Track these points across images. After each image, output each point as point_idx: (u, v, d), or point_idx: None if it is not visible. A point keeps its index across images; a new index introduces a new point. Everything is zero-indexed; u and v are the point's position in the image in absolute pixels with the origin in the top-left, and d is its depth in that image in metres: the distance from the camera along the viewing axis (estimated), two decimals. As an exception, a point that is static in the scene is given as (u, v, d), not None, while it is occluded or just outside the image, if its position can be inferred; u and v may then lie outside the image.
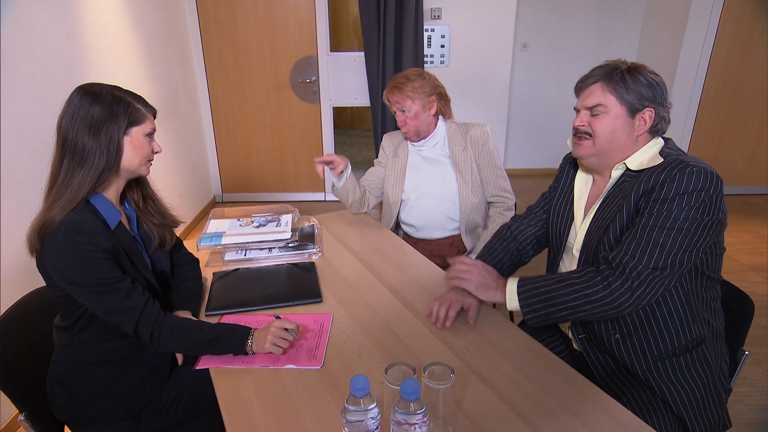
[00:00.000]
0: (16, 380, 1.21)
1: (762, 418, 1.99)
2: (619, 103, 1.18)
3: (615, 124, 1.19)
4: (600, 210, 1.26)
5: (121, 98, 1.18)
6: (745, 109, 4.22)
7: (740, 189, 4.46)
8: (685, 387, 1.18)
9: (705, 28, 3.97)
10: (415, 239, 2.08)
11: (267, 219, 1.86)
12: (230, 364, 1.21)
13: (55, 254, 1.11)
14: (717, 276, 1.21)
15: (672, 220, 1.08)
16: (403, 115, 1.89)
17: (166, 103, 3.51)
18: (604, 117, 1.20)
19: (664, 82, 1.20)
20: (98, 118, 1.14)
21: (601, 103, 1.20)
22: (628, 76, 1.17)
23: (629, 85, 1.17)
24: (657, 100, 1.18)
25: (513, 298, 1.21)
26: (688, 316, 1.18)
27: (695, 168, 1.08)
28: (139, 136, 1.21)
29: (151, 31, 3.27)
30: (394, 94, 1.88)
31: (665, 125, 1.21)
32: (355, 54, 4.06)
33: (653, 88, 1.17)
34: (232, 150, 4.39)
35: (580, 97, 1.26)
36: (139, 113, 1.21)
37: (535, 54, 4.70)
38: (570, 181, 1.41)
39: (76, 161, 1.14)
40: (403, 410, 0.82)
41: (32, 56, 2.15)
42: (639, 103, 1.18)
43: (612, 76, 1.19)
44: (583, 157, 1.29)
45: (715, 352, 1.22)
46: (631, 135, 1.20)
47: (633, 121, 1.19)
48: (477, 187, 1.95)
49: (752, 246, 3.51)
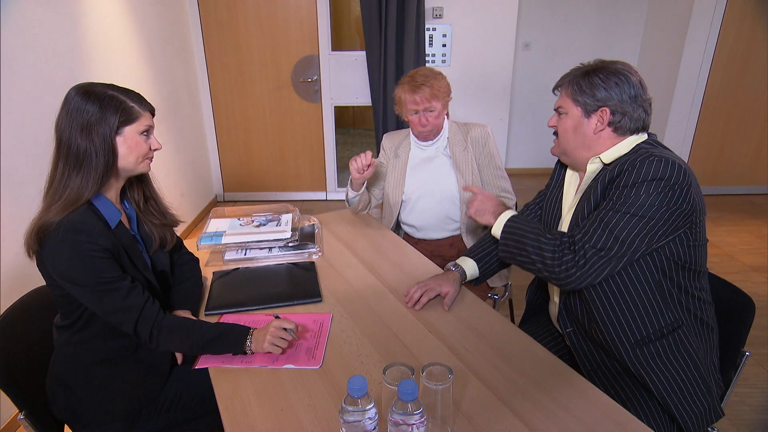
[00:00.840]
0: (15, 379, 1.22)
1: (764, 419, 1.99)
2: (574, 105, 1.26)
3: (572, 124, 1.28)
4: (580, 204, 1.31)
5: (112, 97, 1.16)
6: (747, 108, 4.21)
7: (743, 189, 4.45)
8: (665, 373, 1.19)
9: (708, 27, 3.96)
10: (415, 239, 2.07)
11: (267, 218, 1.86)
12: (229, 363, 1.21)
13: (55, 253, 1.11)
14: (700, 267, 1.22)
15: (628, 206, 1.12)
16: (428, 114, 1.86)
17: (168, 103, 3.51)
18: (565, 118, 1.30)
19: (630, 80, 1.21)
20: (89, 119, 1.13)
21: (562, 105, 1.30)
22: (583, 79, 1.24)
23: (583, 88, 1.24)
24: (614, 98, 1.21)
25: (499, 227, 1.34)
26: (659, 301, 1.20)
27: (657, 158, 1.12)
28: (133, 134, 1.20)
29: (152, 31, 3.28)
30: (423, 91, 1.81)
31: (631, 123, 1.23)
32: (357, 53, 4.06)
33: (608, 89, 1.21)
34: (233, 149, 4.39)
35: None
36: (133, 111, 1.19)
37: (536, 53, 4.69)
38: (561, 178, 1.46)
39: (71, 164, 1.14)
40: (400, 411, 0.82)
41: (33, 56, 2.15)
42: (593, 104, 1.23)
43: (572, 80, 1.26)
44: (555, 155, 1.39)
45: (698, 338, 1.23)
46: (588, 134, 1.26)
47: (589, 120, 1.25)
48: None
49: (754, 246, 3.49)
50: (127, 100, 1.18)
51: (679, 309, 1.21)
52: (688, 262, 1.19)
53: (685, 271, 1.20)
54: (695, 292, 1.22)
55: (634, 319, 1.20)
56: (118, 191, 1.27)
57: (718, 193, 4.43)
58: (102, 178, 1.16)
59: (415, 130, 1.93)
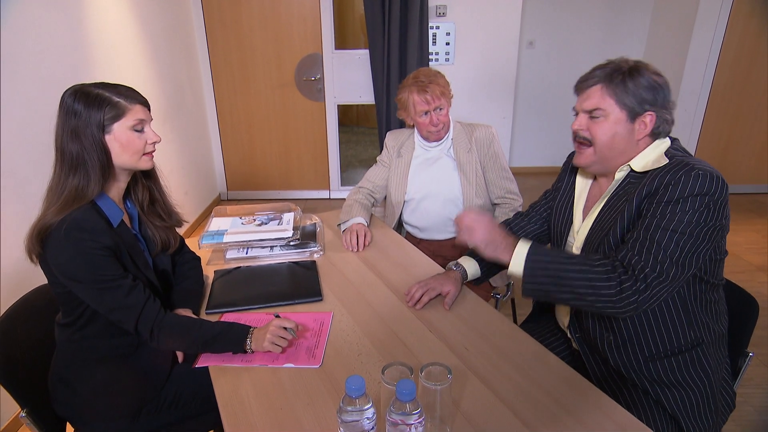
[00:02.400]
0: (17, 377, 1.22)
1: (767, 420, 1.97)
2: (618, 107, 1.14)
3: (615, 129, 1.15)
4: (603, 212, 1.24)
5: (96, 96, 1.14)
6: (753, 107, 4.17)
7: (749, 188, 4.41)
8: (678, 389, 1.17)
9: (714, 25, 3.92)
10: (418, 239, 2.07)
11: (269, 217, 1.86)
12: (229, 362, 1.21)
13: (57, 250, 1.11)
14: (718, 281, 1.18)
15: (676, 223, 1.04)
16: (440, 113, 1.84)
17: (172, 101, 3.52)
18: (603, 122, 1.16)
19: (668, 82, 1.15)
20: (77, 122, 1.13)
21: (600, 107, 1.15)
22: (629, 78, 1.12)
23: (630, 89, 1.12)
24: (659, 103, 1.13)
25: (519, 263, 1.13)
26: (683, 319, 1.16)
27: (701, 171, 1.05)
28: (122, 131, 1.17)
29: (156, 30, 3.28)
30: (433, 90, 1.79)
31: (668, 127, 1.17)
32: (360, 52, 4.06)
33: (655, 91, 1.12)
34: (237, 148, 4.39)
35: (579, 99, 1.21)
36: (118, 106, 1.16)
37: (541, 51, 4.66)
38: (572, 182, 1.39)
39: (67, 168, 1.14)
40: (398, 411, 0.81)
41: (36, 55, 2.16)
42: (640, 107, 1.13)
43: (612, 78, 1.14)
44: (584, 166, 1.25)
45: (716, 356, 1.20)
46: (631, 139, 1.16)
47: (633, 125, 1.15)
48: (481, 189, 1.93)
49: (760, 245, 3.47)
50: (113, 96, 1.15)
51: (702, 327, 1.17)
52: (711, 276, 1.15)
53: (707, 285, 1.16)
54: (715, 306, 1.19)
55: (654, 336, 1.17)
56: (121, 190, 1.27)
57: (723, 192, 4.40)
58: (101, 178, 1.16)
59: (425, 131, 1.90)
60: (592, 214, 1.26)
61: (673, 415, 1.16)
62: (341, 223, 1.91)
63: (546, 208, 1.52)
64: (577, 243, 1.31)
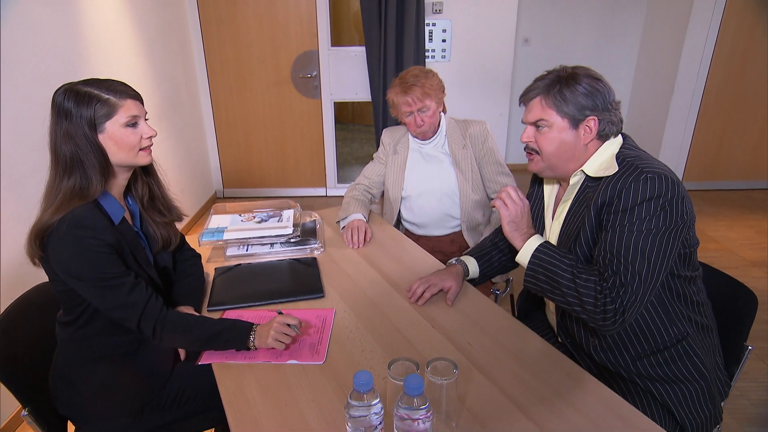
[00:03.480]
0: (19, 376, 1.22)
1: (763, 413, 1.99)
2: (560, 116, 1.18)
3: (560, 137, 1.19)
4: (568, 217, 1.27)
5: (85, 95, 1.12)
6: (747, 104, 4.20)
7: (742, 184, 4.45)
8: (670, 383, 1.18)
9: (708, 23, 3.95)
10: (416, 236, 2.07)
11: (268, 214, 1.86)
12: (233, 359, 1.21)
13: (59, 248, 1.10)
14: (693, 273, 1.20)
15: (636, 234, 1.07)
16: (423, 114, 1.84)
17: (167, 99, 3.50)
18: (547, 132, 1.20)
19: (607, 84, 1.18)
20: (68, 123, 1.11)
21: (543, 118, 1.19)
22: (565, 87, 1.16)
23: (567, 97, 1.15)
24: (599, 107, 1.16)
25: (526, 255, 1.20)
26: (663, 317, 1.18)
27: (650, 174, 1.08)
28: (115, 128, 1.15)
29: (151, 26, 3.26)
30: (415, 92, 1.79)
31: (614, 128, 1.19)
32: (357, 49, 4.05)
33: (593, 96, 1.15)
34: (232, 145, 4.38)
35: (525, 111, 1.25)
36: (108, 104, 1.13)
37: (536, 49, 4.67)
38: (540, 189, 1.42)
39: (61, 169, 1.13)
40: (406, 405, 0.82)
41: (32, 52, 2.14)
42: (580, 114, 1.16)
43: (550, 90, 1.17)
44: (537, 172, 1.30)
45: (704, 345, 1.21)
46: (578, 145, 1.20)
47: (577, 131, 1.18)
48: (478, 185, 1.94)
49: (754, 241, 3.50)
50: (102, 93, 1.13)
51: (684, 321, 1.19)
52: (684, 269, 1.17)
53: (681, 279, 1.18)
54: (694, 297, 1.21)
55: (637, 336, 1.19)
56: (122, 188, 1.26)
57: (717, 188, 4.44)
58: (102, 178, 1.15)
59: (412, 131, 1.92)
60: (558, 219, 1.30)
61: (668, 408, 1.18)
62: (340, 220, 1.92)
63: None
64: None
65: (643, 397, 1.20)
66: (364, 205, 1.96)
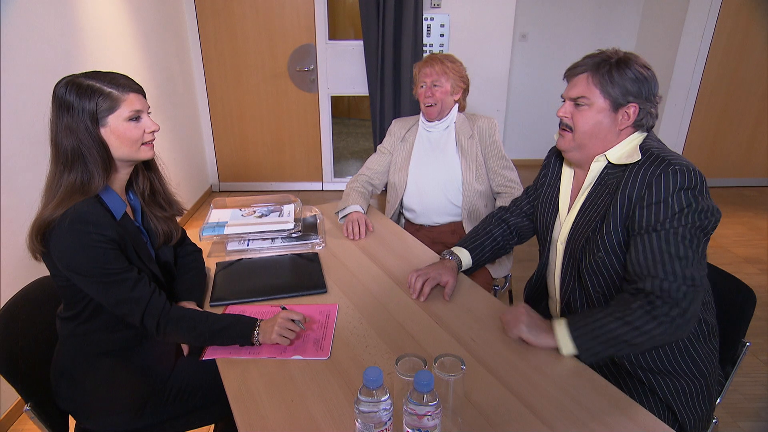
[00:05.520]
0: (21, 371, 1.21)
1: (757, 408, 2.02)
2: (602, 96, 1.16)
3: (597, 117, 1.18)
4: (585, 205, 1.26)
5: (87, 88, 1.10)
6: (742, 101, 4.24)
7: (736, 181, 4.50)
8: (672, 377, 1.19)
9: (704, 20, 3.97)
10: (416, 225, 2.08)
11: (269, 209, 1.85)
12: (237, 354, 1.20)
13: (61, 243, 1.09)
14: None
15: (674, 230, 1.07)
16: (434, 88, 1.90)
17: (163, 91, 3.47)
18: (586, 110, 1.19)
19: (655, 75, 1.18)
20: (70, 116, 1.10)
21: (585, 95, 1.18)
22: (615, 69, 1.15)
23: (615, 79, 1.14)
24: (643, 95, 1.16)
25: (567, 344, 1.13)
26: None
27: (678, 166, 1.09)
28: (118, 123, 1.14)
29: (147, 18, 3.23)
30: (433, 65, 1.90)
31: (651, 120, 1.19)
32: (354, 43, 4.03)
33: (640, 83, 1.15)
34: (228, 139, 4.35)
35: (568, 86, 1.24)
36: (110, 98, 1.12)
37: (533, 45, 4.68)
38: (557, 174, 1.41)
39: (62, 164, 1.12)
40: (416, 401, 0.82)
41: (29, 44, 2.11)
42: (623, 98, 1.16)
43: (599, 68, 1.16)
44: (565, 150, 1.28)
45: (706, 344, 1.22)
46: (613, 129, 1.19)
47: (616, 115, 1.18)
48: (482, 176, 1.96)
49: (747, 238, 3.54)
50: (104, 87, 1.11)
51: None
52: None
53: None
54: (705, 298, 1.21)
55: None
56: (123, 183, 1.25)
57: (711, 185, 4.39)
58: (104, 172, 1.14)
59: (422, 104, 1.97)
60: (575, 207, 1.29)
61: (668, 403, 1.19)
62: (339, 211, 1.93)
63: (529, 203, 1.56)
64: (561, 236, 1.34)
65: (642, 395, 1.21)
66: (363, 197, 1.98)
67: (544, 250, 1.44)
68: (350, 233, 1.80)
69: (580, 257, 1.26)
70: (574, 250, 1.28)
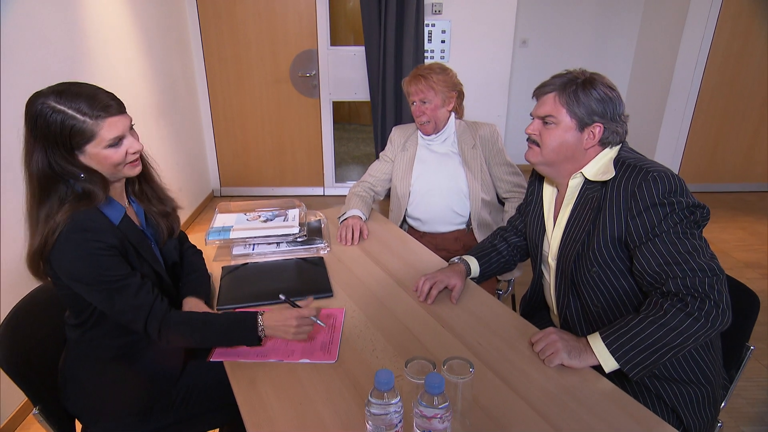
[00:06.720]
0: (29, 374, 1.21)
1: (760, 412, 2.03)
2: (569, 115, 1.21)
3: (563, 136, 1.22)
4: (570, 221, 1.28)
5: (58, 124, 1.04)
6: (742, 106, 4.26)
7: (736, 186, 4.51)
8: (678, 384, 1.19)
9: (704, 25, 3.99)
10: (420, 233, 2.09)
11: (274, 213, 1.86)
12: (244, 358, 1.21)
13: (61, 253, 1.07)
14: None
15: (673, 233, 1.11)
16: (423, 105, 1.89)
17: (165, 96, 3.48)
18: (553, 128, 1.23)
19: (620, 95, 1.21)
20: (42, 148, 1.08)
21: (553, 114, 1.22)
22: (581, 89, 1.19)
23: (581, 99, 1.19)
24: (608, 115, 1.19)
25: (607, 359, 1.10)
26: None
27: (654, 173, 1.12)
28: (96, 150, 1.09)
29: (150, 24, 3.24)
30: (419, 83, 1.87)
31: (617, 138, 1.23)
32: (356, 48, 4.05)
33: (605, 103, 1.19)
34: (230, 144, 4.36)
35: (536, 105, 1.28)
36: (84, 131, 1.06)
37: (534, 50, 4.71)
38: (539, 192, 1.45)
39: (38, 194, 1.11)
40: (426, 404, 0.83)
41: (31, 49, 2.12)
42: (588, 118, 1.20)
43: (566, 88, 1.20)
44: (533, 163, 1.33)
45: (711, 351, 1.22)
46: (578, 147, 1.23)
47: (581, 134, 1.22)
48: (487, 185, 1.96)
49: (748, 243, 3.55)
50: (77, 115, 1.05)
51: None
52: None
53: None
54: None
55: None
56: (119, 189, 1.23)
57: (711, 190, 4.49)
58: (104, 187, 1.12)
59: (416, 121, 1.97)
60: (560, 222, 1.32)
61: (674, 409, 1.19)
62: (340, 216, 1.94)
63: (521, 222, 1.59)
64: (552, 252, 1.36)
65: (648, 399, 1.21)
66: (364, 202, 1.98)
67: (536, 266, 1.47)
68: (343, 239, 1.80)
69: (574, 272, 1.28)
70: (565, 267, 1.31)
